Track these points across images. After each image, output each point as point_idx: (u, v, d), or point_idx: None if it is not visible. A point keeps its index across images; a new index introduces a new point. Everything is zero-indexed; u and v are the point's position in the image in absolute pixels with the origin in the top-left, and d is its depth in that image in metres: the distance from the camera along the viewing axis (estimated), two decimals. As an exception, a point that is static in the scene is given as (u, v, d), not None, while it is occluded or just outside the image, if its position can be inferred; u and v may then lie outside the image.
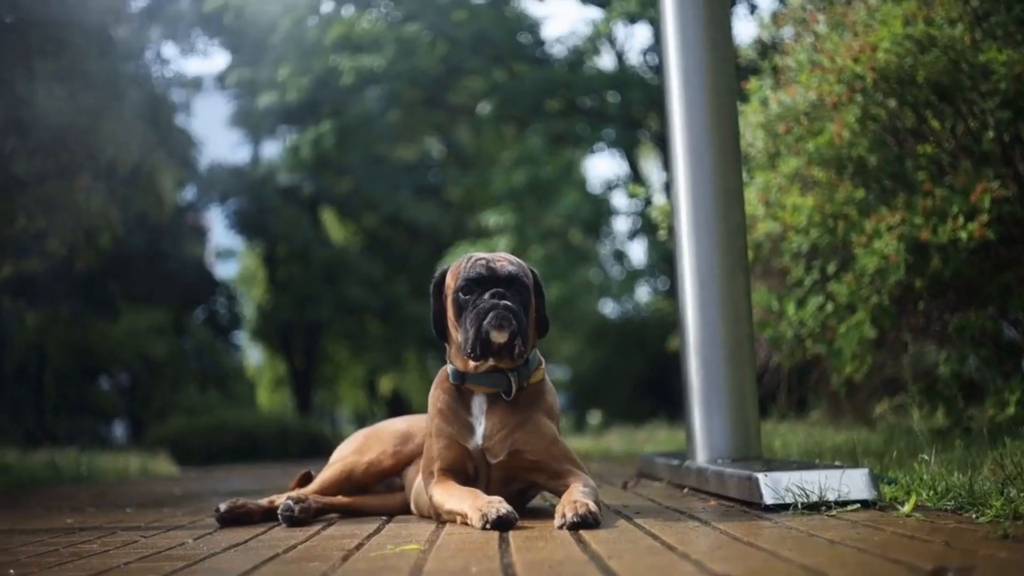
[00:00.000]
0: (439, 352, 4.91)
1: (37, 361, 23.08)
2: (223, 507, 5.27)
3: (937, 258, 7.25)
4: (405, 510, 5.40)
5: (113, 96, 16.12)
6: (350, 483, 5.45)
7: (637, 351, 25.75)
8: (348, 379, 40.18)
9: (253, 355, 42.11)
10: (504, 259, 4.80)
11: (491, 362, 4.74)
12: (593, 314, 27.60)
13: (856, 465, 5.02)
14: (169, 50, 30.37)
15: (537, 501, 5.54)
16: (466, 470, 4.87)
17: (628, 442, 14.46)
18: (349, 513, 5.41)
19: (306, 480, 5.78)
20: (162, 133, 23.90)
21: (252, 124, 30.47)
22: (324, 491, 5.42)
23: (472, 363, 4.77)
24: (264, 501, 5.40)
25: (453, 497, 4.65)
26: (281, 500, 5.27)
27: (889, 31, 7.34)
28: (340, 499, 5.42)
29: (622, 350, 26.40)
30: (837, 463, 5.43)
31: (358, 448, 5.50)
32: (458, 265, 4.83)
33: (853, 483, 4.66)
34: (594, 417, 26.18)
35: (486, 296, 4.66)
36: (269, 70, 25.07)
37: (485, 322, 4.61)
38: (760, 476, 4.75)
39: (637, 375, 25.76)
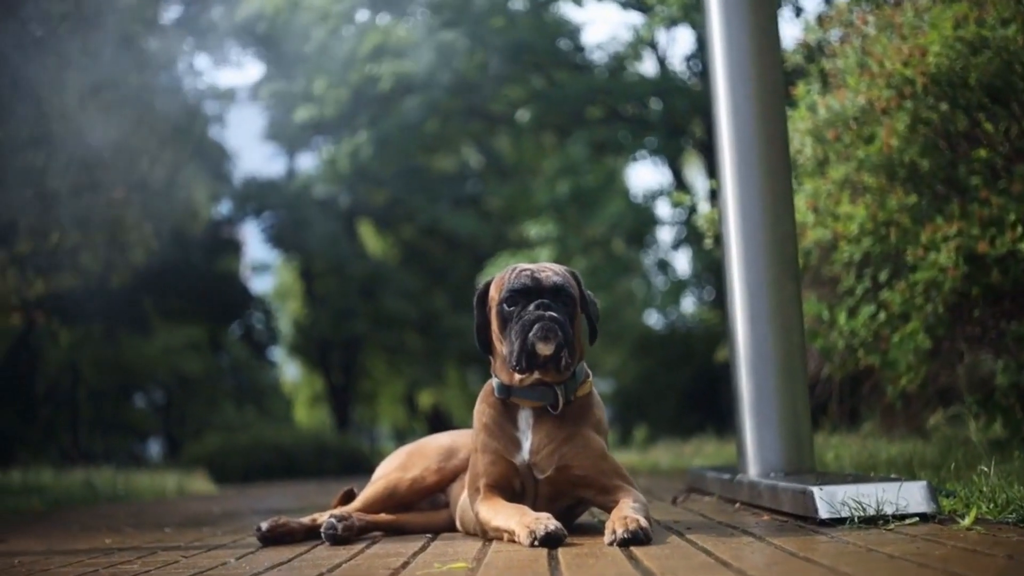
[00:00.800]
0: (480, 366, 4.88)
1: (71, 379, 23.21)
2: (264, 526, 5.27)
3: (996, 270, 7.21)
4: (450, 527, 5.39)
5: (146, 109, 16.21)
6: (394, 500, 5.42)
7: (683, 363, 25.73)
8: (387, 395, 40.25)
9: (290, 371, 42.27)
10: (549, 269, 4.77)
11: (537, 375, 4.71)
12: (638, 326, 27.60)
13: (913, 477, 5.00)
14: (202, 61, 30.57)
15: (585, 517, 5.53)
16: (512, 486, 4.84)
17: (675, 456, 14.45)
18: (393, 531, 5.40)
19: (349, 497, 5.77)
20: (196, 146, 24.05)
21: (287, 136, 30.54)
22: (367, 508, 5.39)
23: (518, 376, 4.74)
24: (306, 519, 5.40)
25: (500, 514, 4.64)
26: (324, 518, 5.26)
27: (939, 33, 7.31)
28: (384, 517, 5.41)
29: (668, 362, 26.39)
30: (893, 476, 5.40)
31: (401, 464, 5.48)
32: (502, 276, 4.81)
33: (911, 496, 4.63)
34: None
35: (531, 307, 4.62)
36: (304, 81, 25.13)
37: (530, 334, 4.57)
38: (815, 490, 4.72)
39: (683, 387, 25.74)
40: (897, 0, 8.72)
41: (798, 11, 19.38)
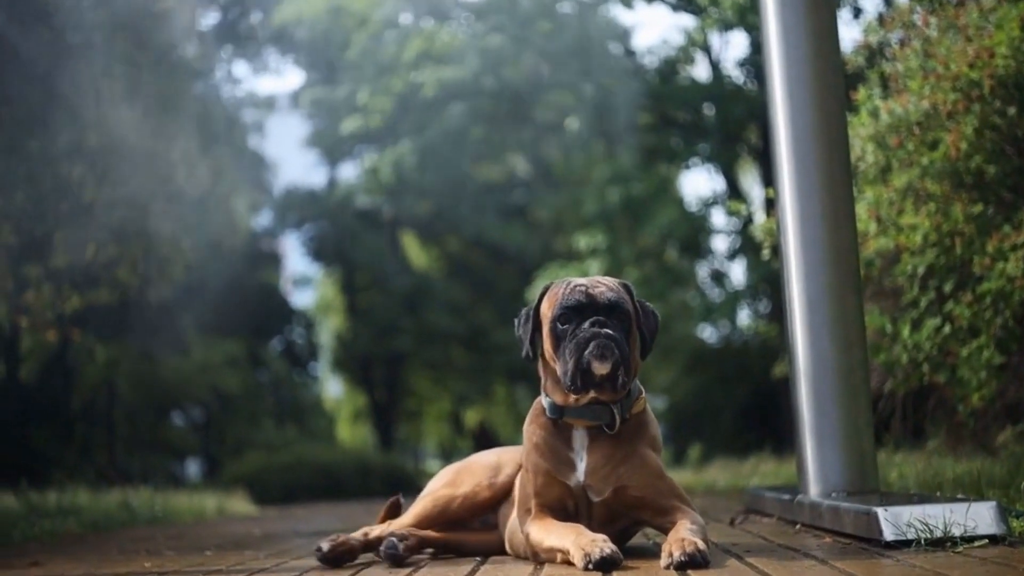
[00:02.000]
0: (529, 382, 4.85)
1: (107, 397, 23.32)
2: (325, 547, 5.20)
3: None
4: (501, 549, 5.36)
5: (183, 117, 16.28)
6: (445, 517, 5.40)
7: (739, 378, 25.59)
8: (432, 412, 40.25)
9: (332, 387, 42.32)
10: (603, 284, 4.74)
11: (592, 394, 4.67)
12: (691, 339, 27.47)
13: (981, 497, 4.96)
14: (240, 69, 30.72)
15: (639, 539, 5.51)
16: (566, 508, 4.82)
17: (732, 475, 14.39)
18: (443, 549, 5.40)
19: (395, 509, 5.77)
20: (234, 155, 24.15)
21: (329, 145, 30.60)
22: (419, 524, 5.38)
23: (572, 396, 4.71)
24: (359, 534, 5.35)
25: (553, 534, 4.61)
26: (376, 532, 5.26)
27: (1006, 34, 7.28)
28: (432, 534, 5.41)
29: (723, 377, 26.26)
30: (961, 496, 5.37)
31: (450, 482, 5.46)
32: (555, 292, 4.78)
33: (979, 517, 4.60)
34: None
35: (586, 325, 4.59)
36: (346, 88, 25.18)
37: (586, 352, 4.54)
38: (879, 511, 4.70)
39: (740, 404, 25.61)
40: (960, 0, 8.68)
41: (857, 12, 19.33)
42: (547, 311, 4.77)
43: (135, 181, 14.61)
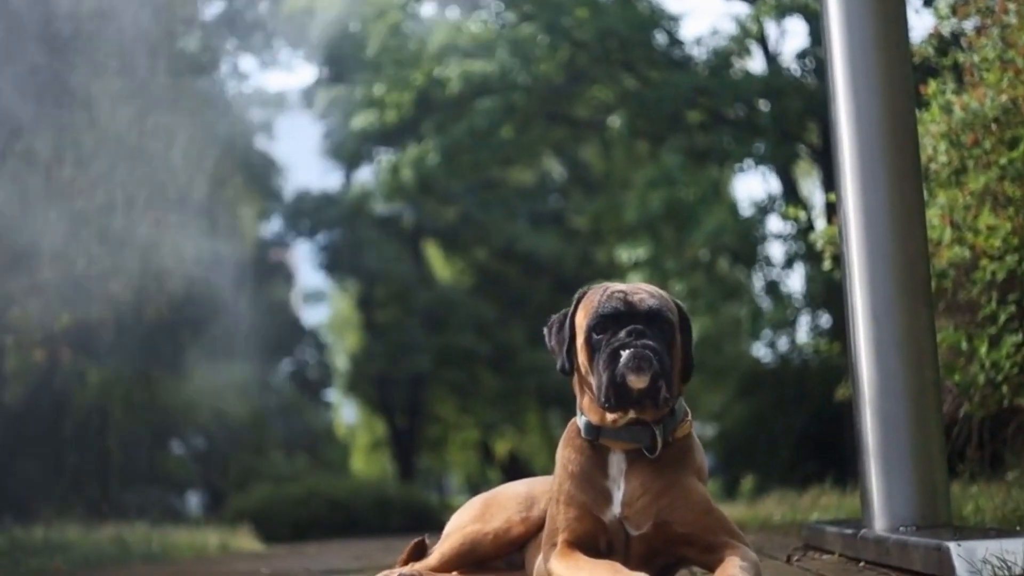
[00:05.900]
0: (563, 407, 4.79)
1: (100, 424, 23.34)
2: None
3: None
4: (530, 592, 5.32)
5: (184, 116, 16.33)
6: (475, 556, 5.33)
7: (797, 402, 25.44)
8: (457, 441, 40.13)
9: (346, 413, 42.29)
10: (644, 291, 4.68)
11: (631, 414, 4.60)
12: (745, 359, 27.35)
13: (1066, 532, 4.95)
14: (247, 63, 30.80)
15: (683, 574, 5.49)
16: (597, 545, 4.74)
17: (790, 509, 14.35)
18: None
19: (419, 550, 5.74)
20: (240, 157, 24.20)
21: (345, 147, 30.53)
22: (444, 566, 5.31)
23: (610, 416, 4.64)
24: (381, 577, 5.34)
25: (583, 571, 4.54)
26: (396, 574, 5.23)
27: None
28: (459, 576, 5.37)
29: (780, 401, 26.10)
30: (1043, 530, 5.35)
31: (478, 516, 5.39)
32: (591, 298, 4.72)
33: (1064, 552, 4.59)
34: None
35: (622, 334, 4.53)
36: (364, 85, 25.16)
37: (620, 364, 4.46)
38: (952, 546, 4.69)
39: (798, 431, 25.45)
40: (1043, -16, 8.65)
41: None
42: (582, 320, 4.72)
43: (131, 185, 14.65)
